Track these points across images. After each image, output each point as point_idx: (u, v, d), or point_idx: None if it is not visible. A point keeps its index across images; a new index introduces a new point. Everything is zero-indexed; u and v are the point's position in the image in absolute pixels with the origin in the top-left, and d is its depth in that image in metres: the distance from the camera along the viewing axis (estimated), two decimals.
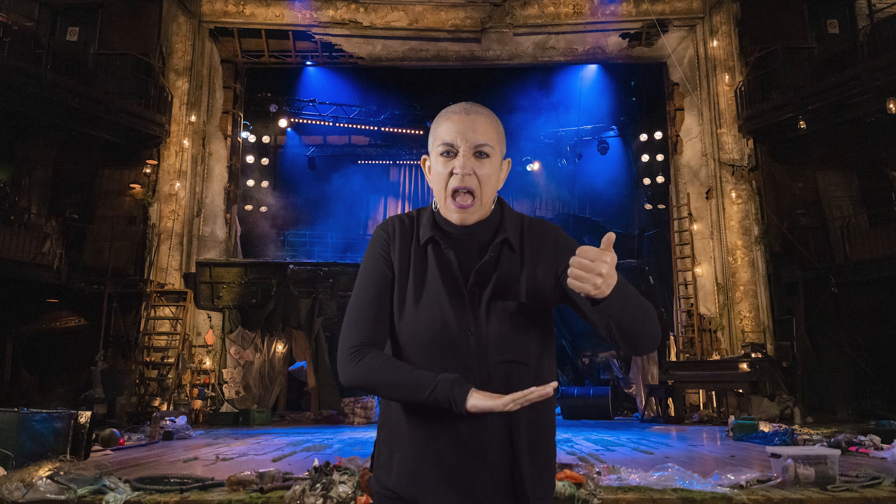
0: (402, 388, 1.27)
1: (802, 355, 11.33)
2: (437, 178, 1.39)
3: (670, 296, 14.04)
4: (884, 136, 11.62)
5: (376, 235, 1.43)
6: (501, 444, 1.30)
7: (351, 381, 1.33)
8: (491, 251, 1.38)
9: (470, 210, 1.36)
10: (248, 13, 13.90)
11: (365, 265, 1.41)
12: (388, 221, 1.45)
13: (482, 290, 1.35)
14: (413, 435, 1.32)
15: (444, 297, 1.33)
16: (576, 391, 12.87)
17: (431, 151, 1.42)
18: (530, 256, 1.40)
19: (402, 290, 1.37)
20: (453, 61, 14.76)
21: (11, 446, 4.93)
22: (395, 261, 1.39)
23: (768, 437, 7.40)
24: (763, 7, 12.94)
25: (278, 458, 6.10)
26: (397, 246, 1.40)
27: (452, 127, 1.37)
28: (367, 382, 1.31)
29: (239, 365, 13.10)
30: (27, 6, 12.38)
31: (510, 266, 1.38)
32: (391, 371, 1.29)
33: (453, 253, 1.37)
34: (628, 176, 18.29)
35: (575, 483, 3.86)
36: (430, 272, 1.37)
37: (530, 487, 1.31)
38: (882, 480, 4.11)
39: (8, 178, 12.08)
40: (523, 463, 1.30)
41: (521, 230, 1.42)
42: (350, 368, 1.32)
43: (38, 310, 11.91)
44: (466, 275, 1.36)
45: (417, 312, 1.34)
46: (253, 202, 17.50)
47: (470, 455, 1.28)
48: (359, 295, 1.39)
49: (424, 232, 1.41)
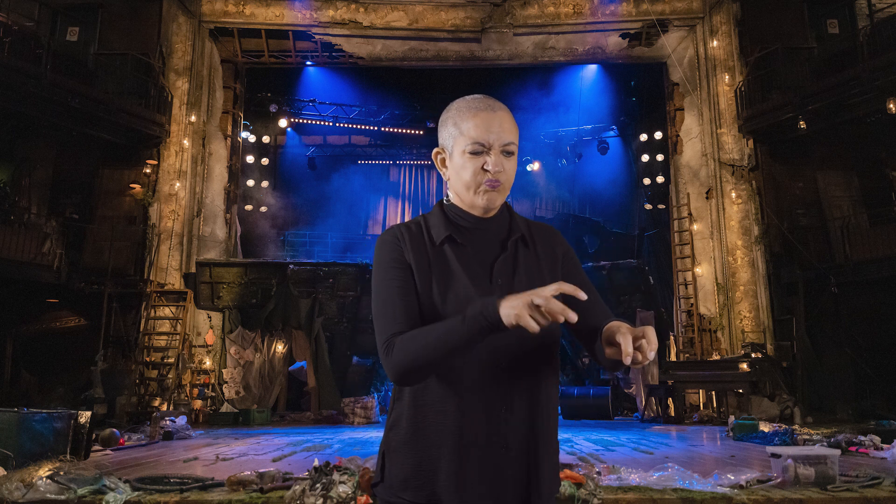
0: (440, 344, 1.24)
1: (802, 355, 11.33)
2: (463, 173, 1.39)
3: (670, 296, 14.04)
4: (884, 136, 11.62)
5: (383, 242, 1.41)
6: (524, 437, 1.31)
7: (396, 373, 1.28)
8: (510, 246, 1.42)
9: (499, 190, 1.39)
10: (248, 13, 13.91)
11: (379, 268, 1.39)
12: (394, 228, 1.44)
13: (507, 282, 1.37)
14: (432, 436, 1.31)
15: (471, 289, 1.34)
16: (576, 391, 12.86)
17: (454, 146, 1.41)
18: (543, 253, 1.45)
19: (427, 289, 1.35)
20: (453, 61, 14.76)
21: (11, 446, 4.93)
22: (410, 261, 1.37)
23: (768, 437, 7.40)
24: (763, 7, 12.94)
25: (278, 458, 6.10)
26: (410, 248, 1.39)
27: (482, 125, 1.37)
28: (409, 363, 1.26)
29: (239, 365, 13.10)
30: (27, 6, 12.38)
31: (528, 260, 1.43)
32: (421, 339, 1.26)
33: (472, 249, 1.40)
34: (628, 176, 18.29)
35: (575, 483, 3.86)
36: (452, 268, 1.37)
37: (545, 483, 1.33)
38: (882, 480, 4.11)
39: (8, 178, 12.08)
40: (542, 457, 1.32)
41: (528, 229, 1.48)
42: (388, 362, 1.29)
43: (38, 310, 11.91)
44: (489, 268, 1.39)
45: (445, 307, 1.33)
46: (253, 202, 17.50)
47: (493, 447, 1.29)
48: (381, 294, 1.36)
49: (439, 232, 1.41)
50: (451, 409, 1.29)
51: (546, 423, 1.35)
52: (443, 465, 1.29)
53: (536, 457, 1.31)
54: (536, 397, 1.34)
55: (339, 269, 13.71)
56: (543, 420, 1.34)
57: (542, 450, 1.33)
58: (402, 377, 1.29)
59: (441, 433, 1.30)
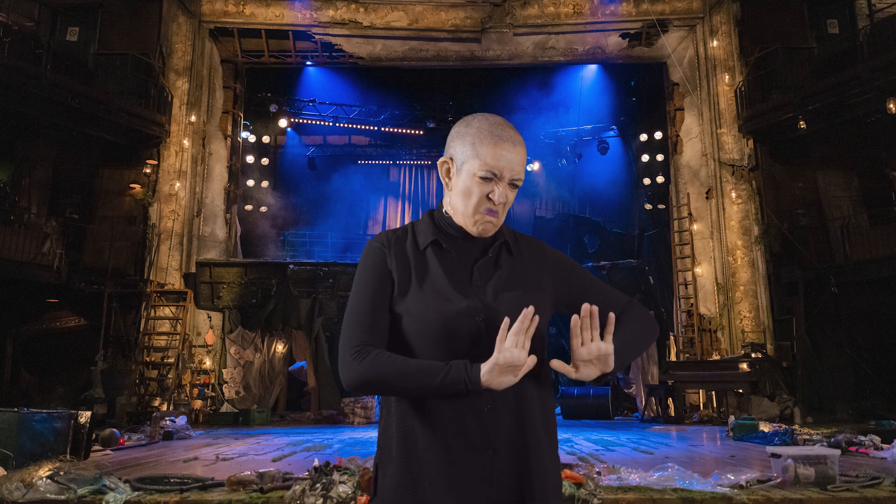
0: (413, 377, 1.27)
1: (802, 355, 11.33)
2: (468, 195, 1.41)
3: (670, 296, 14.04)
4: (884, 136, 11.62)
5: (369, 247, 1.45)
6: (512, 437, 1.31)
7: (357, 379, 1.31)
8: (491, 251, 1.45)
9: (496, 220, 1.43)
10: (248, 13, 13.91)
11: (360, 273, 1.43)
12: (381, 235, 1.48)
13: (486, 282, 1.40)
14: (420, 442, 1.31)
15: (449, 288, 1.37)
16: (575, 391, 12.85)
17: (465, 164, 1.41)
18: (527, 261, 1.48)
19: (405, 290, 1.38)
20: (453, 61, 14.76)
21: (11, 446, 4.92)
22: (392, 267, 1.41)
23: (768, 437, 7.40)
24: (763, 7, 12.94)
25: (278, 458, 6.10)
26: (394, 253, 1.43)
27: (501, 155, 1.38)
28: (375, 377, 1.30)
29: (239, 365, 13.10)
30: (27, 6, 12.38)
31: (509, 264, 1.45)
32: (398, 363, 1.29)
33: (456, 254, 1.43)
34: (628, 176, 18.30)
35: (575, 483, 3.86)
36: (432, 269, 1.40)
37: (538, 482, 1.32)
38: (882, 480, 4.11)
39: (8, 178, 12.08)
40: (532, 456, 1.31)
41: (515, 239, 1.51)
42: (355, 366, 1.31)
43: (38, 310, 11.92)
44: (469, 270, 1.41)
45: (425, 306, 1.35)
46: (253, 202, 17.50)
47: (479, 451, 1.29)
48: (356, 299, 1.40)
49: (425, 237, 1.45)
50: (435, 413, 1.30)
51: (535, 422, 1.34)
52: (432, 471, 1.29)
53: (527, 457, 1.31)
54: (522, 395, 1.33)
55: (339, 269, 13.71)
56: (532, 418, 1.34)
57: (532, 449, 1.32)
58: (356, 386, 1.33)
59: (427, 438, 1.30)
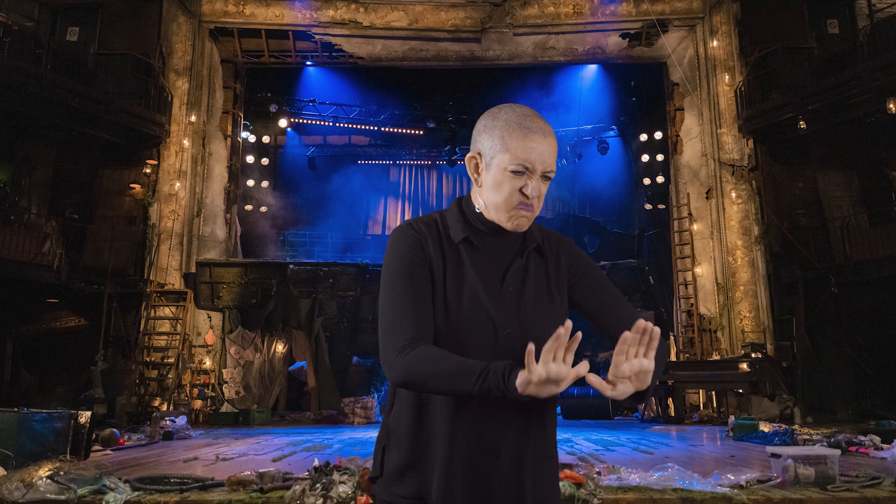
0: (449, 381, 1.23)
1: (802, 355, 11.33)
2: (500, 190, 1.37)
3: (670, 296, 14.04)
4: (884, 136, 11.62)
5: (404, 235, 1.39)
6: (516, 444, 1.31)
7: (400, 376, 1.27)
8: (524, 257, 1.43)
9: (530, 214, 1.39)
10: (248, 13, 13.91)
11: (395, 264, 1.36)
12: (413, 223, 1.42)
13: (519, 291, 1.38)
14: (432, 436, 1.32)
15: (484, 295, 1.35)
16: (576, 391, 12.84)
17: (494, 158, 1.37)
18: (550, 264, 1.46)
19: (441, 290, 1.35)
20: (453, 61, 14.76)
21: (11, 446, 4.92)
22: (430, 259, 1.37)
23: (768, 437, 7.40)
24: (763, 7, 12.94)
25: (278, 458, 6.10)
26: (430, 244, 1.38)
27: (532, 148, 1.35)
28: (417, 373, 1.25)
29: (239, 365, 13.11)
30: (27, 6, 12.38)
31: (538, 271, 1.43)
32: (434, 365, 1.24)
33: (487, 253, 1.41)
34: (628, 176, 18.30)
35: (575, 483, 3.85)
36: (465, 269, 1.37)
37: (535, 490, 1.32)
38: (882, 480, 4.11)
39: (8, 178, 12.08)
40: (527, 464, 1.32)
41: (543, 238, 1.48)
42: (400, 361, 1.27)
43: (38, 310, 11.91)
44: (500, 273, 1.40)
45: (460, 312, 1.33)
46: (253, 202, 17.50)
47: (482, 454, 1.29)
48: (397, 292, 1.34)
49: (456, 232, 1.40)
50: (447, 413, 1.30)
51: (538, 431, 1.35)
52: (436, 467, 1.30)
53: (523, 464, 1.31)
54: (528, 405, 1.31)
55: (339, 269, 13.72)
56: (536, 427, 1.34)
57: (528, 456, 1.32)
58: (403, 382, 1.29)
59: (437, 437, 1.31)
